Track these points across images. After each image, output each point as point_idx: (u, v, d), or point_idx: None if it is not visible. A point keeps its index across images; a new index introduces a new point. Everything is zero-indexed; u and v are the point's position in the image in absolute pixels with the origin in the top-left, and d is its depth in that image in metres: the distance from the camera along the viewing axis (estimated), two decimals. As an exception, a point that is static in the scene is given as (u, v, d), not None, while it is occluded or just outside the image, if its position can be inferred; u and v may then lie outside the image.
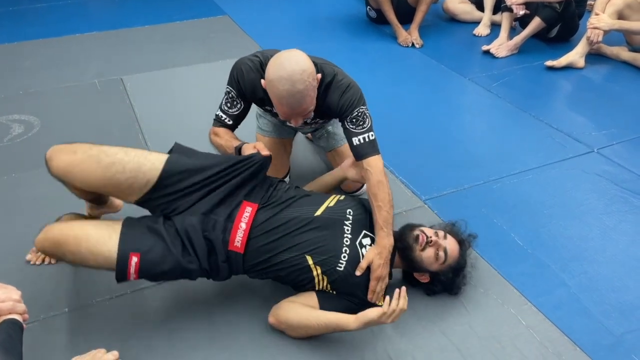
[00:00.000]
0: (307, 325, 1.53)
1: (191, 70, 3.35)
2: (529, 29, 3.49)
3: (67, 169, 1.51)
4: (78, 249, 1.45)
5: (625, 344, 1.60)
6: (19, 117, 2.80)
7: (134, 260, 1.46)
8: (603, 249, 1.96)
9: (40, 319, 1.65)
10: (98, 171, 1.50)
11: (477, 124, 2.85)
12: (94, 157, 1.51)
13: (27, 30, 3.93)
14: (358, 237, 1.62)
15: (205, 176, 1.57)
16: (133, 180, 1.51)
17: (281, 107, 1.59)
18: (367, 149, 1.70)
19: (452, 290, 1.73)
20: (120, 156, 1.51)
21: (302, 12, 4.36)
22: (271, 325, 1.62)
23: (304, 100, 1.57)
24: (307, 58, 1.59)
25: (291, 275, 1.59)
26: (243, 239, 1.54)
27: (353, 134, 1.71)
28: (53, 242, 1.47)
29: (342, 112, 1.72)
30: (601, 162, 2.45)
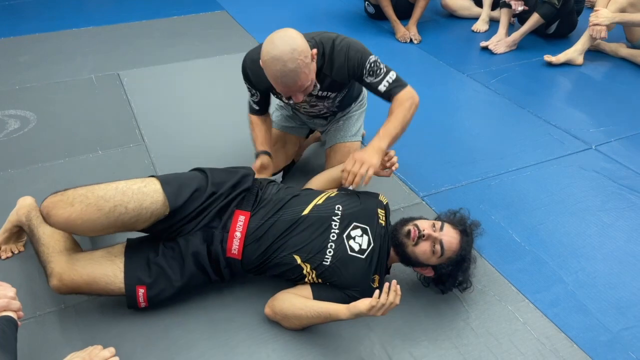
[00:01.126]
0: (301, 315, 1.54)
1: (188, 65, 3.34)
2: (528, 25, 3.48)
3: (67, 222, 1.48)
4: (91, 290, 1.58)
5: (622, 340, 1.60)
6: (15, 113, 2.79)
7: (141, 292, 1.58)
8: (600, 245, 1.96)
9: (37, 315, 1.65)
10: (101, 219, 1.49)
11: (475, 120, 2.84)
12: (93, 206, 1.48)
13: (23, 25, 3.91)
14: (346, 230, 1.63)
15: (201, 201, 1.61)
16: (137, 217, 1.53)
17: (277, 85, 1.66)
18: (393, 88, 1.80)
19: (461, 284, 1.67)
20: (119, 198, 1.50)
21: (300, 7, 4.35)
22: (267, 315, 1.64)
23: (298, 78, 1.61)
24: (299, 36, 1.63)
25: (286, 274, 1.64)
26: (239, 247, 1.61)
27: (376, 84, 1.80)
28: (69, 288, 1.56)
29: (354, 71, 1.79)
30: (599, 159, 2.45)
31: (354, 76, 1.82)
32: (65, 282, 1.55)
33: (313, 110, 2.09)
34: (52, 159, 2.41)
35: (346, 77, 1.83)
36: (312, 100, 1.96)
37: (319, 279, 1.61)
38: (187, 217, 1.59)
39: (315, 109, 2.06)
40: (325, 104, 2.01)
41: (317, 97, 1.93)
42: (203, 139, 2.61)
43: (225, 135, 2.57)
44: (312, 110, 2.07)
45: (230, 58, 3.42)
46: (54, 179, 2.28)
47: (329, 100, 1.98)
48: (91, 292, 1.60)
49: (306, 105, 2.01)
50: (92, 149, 2.48)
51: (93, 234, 1.60)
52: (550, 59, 3.30)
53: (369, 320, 1.64)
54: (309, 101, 1.97)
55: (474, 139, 2.62)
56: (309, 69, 1.64)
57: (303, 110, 2.10)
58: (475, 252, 1.88)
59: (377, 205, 1.74)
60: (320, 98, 1.95)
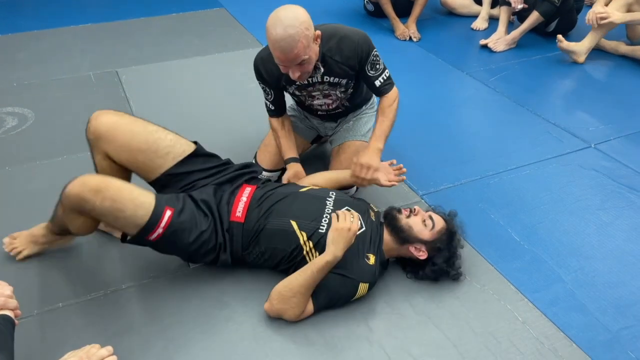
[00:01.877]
0: (293, 284, 1.55)
1: (187, 63, 3.33)
2: (527, 23, 3.47)
3: (113, 126, 1.64)
4: (120, 195, 1.51)
5: (621, 340, 1.60)
6: (13, 110, 2.78)
7: (168, 213, 1.57)
8: (600, 244, 1.96)
9: (34, 314, 1.64)
10: (143, 134, 1.67)
11: (474, 118, 2.84)
12: (140, 122, 1.70)
13: (21, 22, 3.89)
14: (339, 209, 1.69)
15: (218, 163, 1.81)
16: (171, 148, 1.70)
17: (275, 51, 1.69)
18: (386, 86, 1.95)
19: (452, 266, 1.73)
20: (161, 128, 1.72)
21: (299, 4, 4.33)
22: (267, 311, 1.62)
23: (296, 45, 1.65)
24: (305, 12, 1.71)
25: (282, 244, 1.66)
26: (244, 210, 1.69)
27: (374, 78, 1.93)
28: (92, 188, 1.47)
29: (362, 58, 1.87)
30: (598, 158, 2.45)
31: (360, 62, 1.89)
32: (90, 182, 1.49)
33: (327, 101, 2.08)
34: (50, 157, 2.41)
35: (355, 63, 1.89)
36: (324, 88, 1.98)
37: (316, 252, 1.64)
38: (204, 171, 1.75)
39: (329, 100, 2.06)
40: (337, 94, 2.03)
41: (330, 84, 1.95)
42: (202, 136, 2.58)
43: (225, 132, 2.57)
44: (326, 100, 2.07)
45: (229, 55, 3.42)
46: (52, 177, 2.27)
47: (340, 89, 2.00)
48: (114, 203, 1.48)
49: (320, 95, 2.02)
50: (90, 146, 2.47)
51: (125, 150, 1.64)
52: (561, 39, 3.26)
53: (368, 320, 1.64)
54: (322, 89, 1.99)
55: (473, 137, 2.62)
56: (308, 41, 1.68)
57: (317, 103, 2.08)
58: (474, 250, 1.90)
59: (369, 207, 1.84)
60: (332, 85, 1.97)
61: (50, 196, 2.13)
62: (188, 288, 1.74)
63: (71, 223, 1.61)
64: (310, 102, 2.09)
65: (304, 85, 1.96)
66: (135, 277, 1.78)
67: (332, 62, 1.87)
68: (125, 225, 1.56)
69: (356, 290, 1.62)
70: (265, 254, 1.70)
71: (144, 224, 1.53)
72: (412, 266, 1.77)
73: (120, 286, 1.75)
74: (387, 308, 1.69)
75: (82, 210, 1.51)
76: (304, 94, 2.02)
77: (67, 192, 1.50)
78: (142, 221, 1.53)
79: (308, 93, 2.01)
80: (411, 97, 2.98)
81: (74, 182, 1.49)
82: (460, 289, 1.75)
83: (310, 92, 2.00)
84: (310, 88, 1.98)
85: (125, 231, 1.61)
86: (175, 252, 1.68)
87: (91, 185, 1.47)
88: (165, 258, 1.81)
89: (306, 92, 2.01)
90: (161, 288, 1.75)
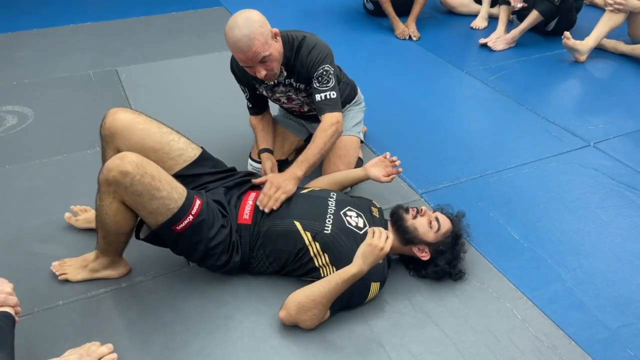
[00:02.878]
0: (314, 295, 1.52)
1: (187, 61, 3.33)
2: (527, 22, 3.47)
3: (130, 124, 1.68)
4: (159, 173, 1.52)
5: (620, 338, 1.60)
6: (13, 109, 2.78)
7: (198, 203, 1.59)
8: (599, 243, 1.96)
9: (35, 311, 1.64)
10: (157, 134, 1.71)
11: (474, 117, 2.84)
12: (155, 123, 1.74)
13: (20, 21, 3.89)
14: (342, 209, 1.73)
15: (225, 168, 1.87)
16: (183, 151, 1.75)
17: (236, 53, 1.77)
18: (326, 105, 1.89)
19: (455, 267, 1.73)
20: (174, 131, 1.77)
21: (298, 3, 4.33)
22: (282, 320, 1.58)
23: (252, 43, 1.70)
24: (258, 13, 1.77)
25: (287, 245, 1.66)
26: (250, 212, 1.72)
27: (317, 91, 1.90)
28: (134, 161, 1.47)
29: (309, 68, 1.89)
30: (597, 156, 2.45)
31: (307, 71, 1.90)
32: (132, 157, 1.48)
33: (293, 106, 2.13)
34: (50, 155, 2.41)
35: (306, 71, 1.91)
36: (287, 91, 2.01)
37: (324, 253, 1.64)
38: (213, 174, 1.79)
39: (295, 104, 2.10)
40: (300, 98, 2.05)
41: (292, 87, 1.99)
42: (201, 135, 2.59)
43: (224, 131, 2.57)
44: (291, 105, 2.12)
45: (229, 54, 3.39)
46: (51, 176, 2.27)
47: (302, 94, 2.03)
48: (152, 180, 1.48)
49: (283, 97, 2.06)
50: (90, 145, 2.47)
51: (139, 151, 1.59)
52: (568, 36, 3.24)
53: (368, 318, 1.64)
54: (285, 91, 2.02)
55: (473, 136, 2.62)
56: (265, 38, 1.73)
57: (286, 107, 2.15)
58: (473, 248, 1.90)
59: (371, 204, 1.85)
60: (294, 89, 2.00)
61: (48, 195, 2.14)
62: (188, 286, 1.75)
63: (108, 211, 1.54)
64: (280, 104, 2.16)
65: (270, 86, 2.01)
66: (135, 276, 1.78)
67: (292, 67, 1.92)
68: (157, 209, 1.51)
69: (369, 291, 1.62)
70: (270, 256, 1.70)
71: (177, 208, 1.53)
72: (415, 265, 1.77)
73: (120, 285, 1.75)
74: (387, 306, 1.69)
75: (119, 186, 1.47)
76: (270, 94, 2.07)
77: (108, 165, 1.47)
78: (176, 205, 1.53)
79: (273, 94, 2.05)
80: (411, 96, 2.99)
81: (114, 158, 1.48)
82: (460, 287, 1.76)
83: (275, 92, 2.04)
84: (275, 89, 2.02)
85: (153, 219, 1.55)
86: (193, 247, 1.62)
87: (132, 158, 1.48)
88: (165, 256, 1.81)
89: (272, 93, 2.05)
90: (161, 286, 1.75)
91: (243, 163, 2.24)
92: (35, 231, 1.96)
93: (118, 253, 1.72)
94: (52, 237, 1.94)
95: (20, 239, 1.93)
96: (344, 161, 2.11)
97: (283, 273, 1.73)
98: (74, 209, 1.97)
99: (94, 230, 1.79)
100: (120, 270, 1.76)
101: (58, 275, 1.75)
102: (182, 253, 1.70)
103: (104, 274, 1.75)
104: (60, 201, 2.07)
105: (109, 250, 1.69)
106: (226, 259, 1.67)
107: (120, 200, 1.52)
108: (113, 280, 1.76)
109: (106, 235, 1.64)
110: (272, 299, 1.70)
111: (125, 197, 1.50)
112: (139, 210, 1.54)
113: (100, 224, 1.61)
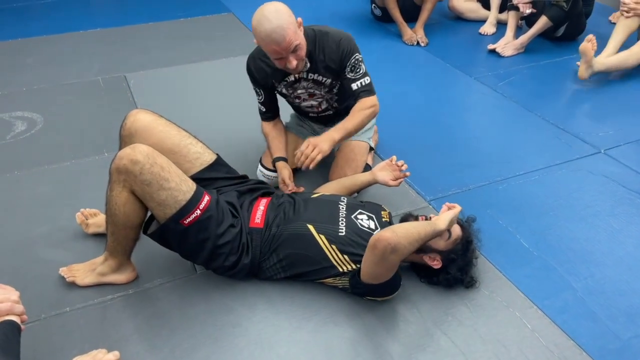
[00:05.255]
0: (419, 229, 1.55)
1: (195, 68, 3.34)
2: (536, 27, 3.45)
3: (150, 125, 1.73)
4: (168, 165, 1.55)
5: (632, 348, 1.58)
6: (22, 114, 2.80)
7: (207, 198, 1.60)
8: (610, 251, 1.94)
9: (41, 318, 1.64)
10: (177, 137, 1.75)
11: (483, 123, 2.82)
12: (174, 126, 1.78)
13: (30, 27, 3.93)
14: (353, 213, 1.75)
15: (238, 174, 1.90)
16: (199, 155, 1.78)
17: (269, 46, 1.76)
18: (363, 91, 1.97)
19: (467, 273, 1.72)
20: (192, 136, 1.81)
21: (306, 10, 4.32)
22: (386, 239, 1.43)
23: (286, 33, 1.72)
24: (282, 3, 1.78)
25: (301, 249, 1.67)
26: (262, 216, 1.73)
27: (352, 80, 1.96)
28: (144, 151, 1.51)
29: (342, 58, 1.92)
30: (608, 163, 2.42)
31: (341, 63, 1.93)
32: (143, 148, 1.51)
33: (313, 103, 2.11)
34: (59, 161, 2.42)
35: (337, 64, 1.94)
36: (309, 86, 2.02)
37: (344, 256, 1.64)
38: (227, 179, 1.82)
39: (314, 101, 2.09)
40: (322, 93, 2.06)
41: (314, 81, 2.00)
42: (210, 141, 2.60)
43: (233, 137, 2.57)
44: (312, 102, 2.10)
45: (237, 60, 3.42)
46: (60, 181, 2.28)
47: (324, 89, 2.03)
48: (162, 171, 1.51)
49: (305, 94, 2.06)
50: (99, 151, 2.48)
51: (160, 150, 1.60)
52: (593, 41, 3.01)
53: (374, 326, 1.63)
54: (307, 86, 2.02)
55: (481, 143, 2.60)
56: (294, 27, 1.76)
57: (304, 105, 2.13)
58: (482, 256, 1.88)
59: (381, 209, 1.86)
60: (316, 83, 2.01)
61: (57, 201, 2.15)
62: (194, 293, 1.74)
63: (117, 201, 1.54)
64: (298, 103, 2.13)
65: (291, 83, 2.01)
66: (142, 282, 1.78)
67: (316, 60, 1.94)
68: (165, 200, 1.52)
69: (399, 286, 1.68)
70: (282, 261, 1.70)
71: (185, 200, 1.54)
72: (426, 272, 1.75)
73: (127, 291, 1.75)
74: (394, 314, 1.67)
75: (129, 174, 1.49)
76: (290, 92, 2.06)
77: (120, 154, 1.51)
78: (185, 197, 1.54)
79: (294, 91, 2.05)
80: (419, 102, 2.98)
81: (126, 148, 1.52)
82: (469, 295, 1.74)
83: (296, 89, 2.03)
84: (296, 85, 2.02)
85: (161, 211, 1.55)
86: (200, 245, 1.62)
87: (143, 148, 1.51)
88: (173, 263, 1.81)
89: (292, 90, 2.04)
90: (167, 293, 1.75)
91: (251, 170, 2.23)
92: (43, 237, 1.97)
93: (126, 253, 1.72)
94: (60, 243, 1.94)
95: (28, 244, 1.94)
96: (351, 165, 2.11)
97: (297, 278, 1.72)
98: (83, 212, 1.97)
99: (102, 236, 1.80)
100: (128, 275, 1.76)
101: (66, 278, 1.75)
102: (189, 253, 1.69)
103: (112, 278, 1.74)
104: (68, 207, 2.07)
105: (118, 249, 1.68)
106: (235, 259, 1.66)
107: (129, 189, 1.54)
108: (120, 286, 1.75)
109: (115, 231, 1.63)
110: (279, 305, 1.69)
111: (134, 186, 1.52)
112: (148, 201, 1.54)
113: (110, 218, 1.61)
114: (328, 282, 1.71)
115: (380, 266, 1.52)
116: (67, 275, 1.75)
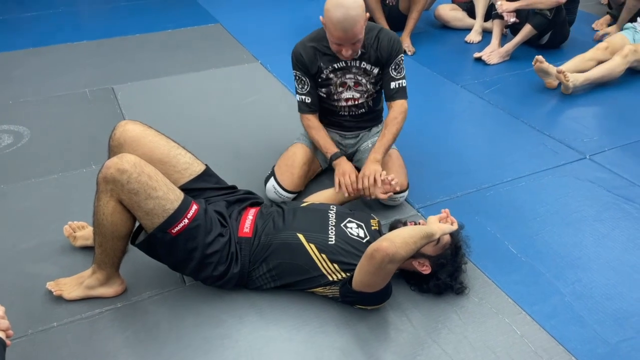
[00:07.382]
0: (416, 234, 1.55)
1: (183, 79, 3.34)
2: (520, 35, 3.50)
3: (140, 135, 1.73)
4: (156, 174, 1.55)
5: (620, 352, 1.59)
6: (8, 127, 2.78)
7: (194, 208, 1.61)
8: (597, 256, 1.95)
9: (28, 334, 1.62)
10: (166, 147, 1.76)
11: (470, 131, 2.85)
12: (163, 137, 1.79)
13: (16, 40, 3.91)
14: (342, 222, 1.75)
15: (227, 185, 1.91)
16: (188, 165, 1.79)
17: (336, 32, 1.84)
18: (398, 93, 2.07)
19: (456, 280, 1.73)
20: (181, 147, 1.82)
21: (294, 19, 4.37)
22: (384, 249, 1.44)
23: (356, 25, 1.82)
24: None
25: (290, 258, 1.67)
26: (251, 226, 1.74)
27: (393, 79, 2.06)
28: (131, 160, 1.51)
29: (391, 52, 2.02)
30: (593, 169, 2.45)
31: (389, 58, 2.03)
32: (131, 157, 1.52)
33: (355, 94, 2.14)
34: (46, 174, 2.40)
35: (386, 57, 2.03)
36: (359, 73, 2.08)
37: (333, 264, 1.64)
38: (216, 190, 1.83)
39: (357, 93, 2.14)
40: (367, 84, 2.12)
41: (364, 70, 2.07)
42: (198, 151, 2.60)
43: (220, 149, 2.56)
44: (354, 93, 2.14)
45: (225, 71, 3.43)
46: (47, 195, 2.26)
47: (371, 80, 2.11)
48: (150, 180, 1.51)
49: (351, 82, 2.10)
50: (86, 163, 2.47)
51: (149, 161, 1.62)
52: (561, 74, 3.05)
53: (365, 335, 1.63)
54: (356, 73, 2.08)
55: (469, 150, 2.63)
56: (363, 23, 1.86)
57: (344, 97, 2.15)
58: (471, 263, 1.89)
59: (370, 217, 1.87)
60: (365, 72, 2.08)
61: (44, 215, 2.13)
62: (183, 306, 1.73)
63: (105, 210, 1.54)
64: (339, 95, 2.15)
65: (340, 68, 2.07)
66: (130, 296, 1.77)
67: (369, 49, 2.03)
68: (153, 209, 1.52)
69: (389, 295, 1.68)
70: (272, 270, 1.70)
71: (173, 209, 1.54)
72: (416, 279, 1.76)
73: (115, 305, 1.73)
74: (384, 323, 1.67)
75: (117, 183, 1.49)
76: (336, 79, 2.09)
77: (107, 163, 1.51)
78: (172, 206, 1.54)
79: (343, 75, 2.09)
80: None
81: (113, 157, 1.52)
82: (459, 302, 1.75)
83: (345, 73, 2.08)
84: (346, 70, 2.07)
85: (149, 221, 1.55)
86: (189, 255, 1.61)
87: (130, 158, 1.52)
88: (161, 275, 1.80)
89: (340, 75, 2.08)
90: (156, 306, 1.73)
91: (240, 180, 2.22)
92: (30, 251, 1.95)
93: (115, 265, 1.70)
94: (47, 257, 1.92)
95: (15, 259, 1.92)
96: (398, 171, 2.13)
97: (287, 287, 1.72)
98: (71, 225, 1.96)
99: (90, 249, 1.78)
100: (116, 289, 1.74)
101: (53, 292, 1.73)
102: (178, 263, 1.67)
103: (100, 291, 1.73)
104: (56, 221, 2.06)
105: (106, 261, 1.67)
106: (223, 269, 1.66)
107: (117, 199, 1.53)
108: (108, 300, 1.74)
109: (102, 242, 1.62)
110: (269, 316, 1.69)
111: (122, 196, 1.51)
112: (135, 210, 1.54)
113: (97, 228, 1.60)
114: (318, 291, 1.71)
115: (377, 275, 1.53)
116: (54, 289, 1.73)
